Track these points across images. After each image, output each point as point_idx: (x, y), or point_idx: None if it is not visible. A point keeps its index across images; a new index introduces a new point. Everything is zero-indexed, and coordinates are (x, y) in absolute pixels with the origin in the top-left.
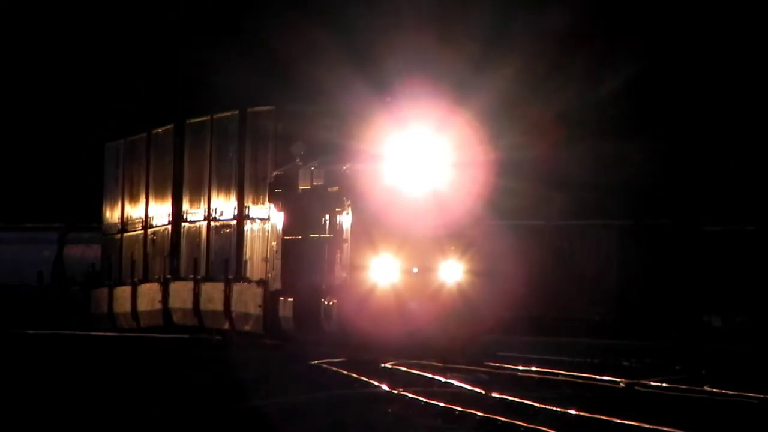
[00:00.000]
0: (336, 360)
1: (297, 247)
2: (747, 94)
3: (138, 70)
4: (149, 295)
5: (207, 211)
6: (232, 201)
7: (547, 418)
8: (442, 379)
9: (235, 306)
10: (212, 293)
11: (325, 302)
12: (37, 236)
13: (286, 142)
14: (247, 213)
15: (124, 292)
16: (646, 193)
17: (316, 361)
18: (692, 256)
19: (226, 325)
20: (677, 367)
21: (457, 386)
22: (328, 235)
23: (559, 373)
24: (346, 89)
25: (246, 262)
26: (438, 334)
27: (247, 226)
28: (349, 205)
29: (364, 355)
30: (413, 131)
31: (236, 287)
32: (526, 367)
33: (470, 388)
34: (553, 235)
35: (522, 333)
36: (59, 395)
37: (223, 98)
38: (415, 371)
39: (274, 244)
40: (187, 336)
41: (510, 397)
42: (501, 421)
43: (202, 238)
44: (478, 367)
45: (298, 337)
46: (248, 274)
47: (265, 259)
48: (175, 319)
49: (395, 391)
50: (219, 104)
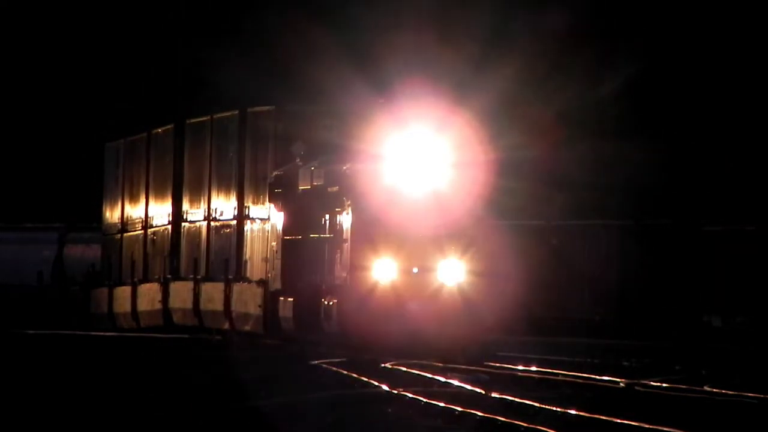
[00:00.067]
0: (336, 360)
1: (297, 247)
2: (747, 94)
3: (138, 70)
4: (149, 295)
5: (207, 211)
6: (232, 201)
7: (547, 418)
8: (442, 379)
9: (235, 306)
10: (212, 293)
11: (325, 302)
12: (37, 236)
13: (286, 142)
14: (247, 213)
15: (124, 292)
16: (646, 193)
17: (316, 361)
18: (692, 256)
19: (226, 325)
20: (677, 367)
21: (457, 386)
22: (328, 235)
23: (559, 373)
24: (346, 89)
25: (246, 262)
26: (438, 335)
27: (247, 226)
28: (349, 205)
29: (364, 355)
30: (413, 131)
31: (236, 287)
32: (526, 367)
33: (470, 388)
34: (553, 235)
35: (522, 333)
36: (59, 395)
37: (223, 98)
38: (415, 371)
39: (274, 244)
40: (187, 336)
41: (510, 397)
42: (501, 421)
43: (202, 238)
44: (478, 367)
45: (298, 337)
46: (248, 274)
47: (265, 259)
48: (175, 319)
49: (395, 391)
50: (219, 104)
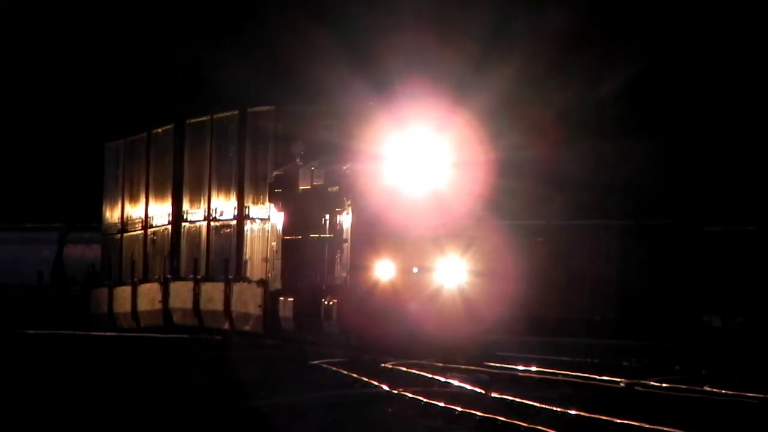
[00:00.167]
0: (336, 360)
1: (297, 247)
2: (747, 94)
3: (138, 70)
4: (149, 295)
5: (207, 211)
6: (232, 201)
7: (547, 418)
8: (442, 379)
9: (235, 306)
10: (212, 293)
11: (325, 302)
12: (37, 236)
13: (286, 142)
14: (247, 213)
15: (124, 292)
16: (646, 193)
17: (316, 361)
18: (692, 256)
19: (226, 325)
20: (677, 367)
21: (457, 386)
22: (328, 235)
23: (559, 373)
24: (346, 89)
25: (246, 262)
26: (438, 335)
27: (247, 226)
28: (349, 205)
29: (364, 355)
30: (413, 131)
31: (236, 287)
32: (526, 367)
33: (470, 388)
34: (553, 235)
35: (522, 333)
36: (59, 395)
37: (223, 98)
38: (415, 371)
39: (274, 244)
40: (187, 336)
41: (510, 397)
42: (501, 421)
43: (202, 238)
44: (478, 367)
45: (298, 337)
46: (248, 274)
47: (265, 259)
48: (175, 319)
49: (395, 391)
50: (219, 104)
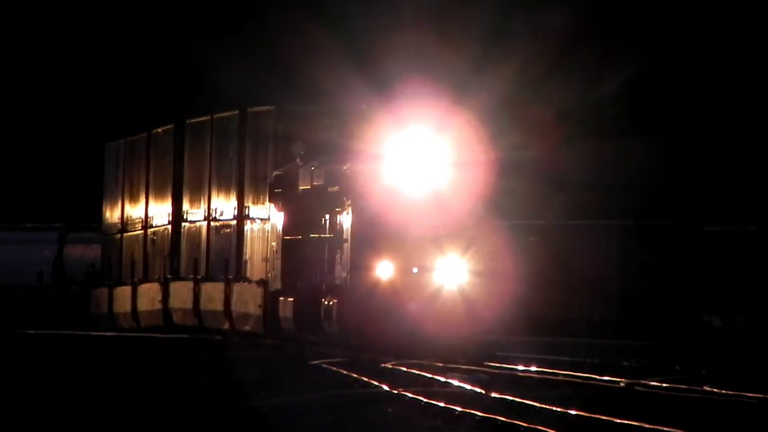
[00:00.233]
0: (336, 360)
1: (297, 247)
2: (747, 94)
3: (138, 70)
4: (149, 295)
5: (207, 211)
6: (232, 201)
7: (547, 418)
8: (442, 379)
9: (235, 306)
10: (212, 293)
11: (326, 302)
12: (37, 236)
13: (286, 142)
14: (247, 213)
15: (124, 292)
16: (646, 193)
17: (316, 361)
18: (692, 256)
19: (226, 325)
20: (677, 367)
21: (457, 386)
22: (328, 235)
23: (559, 373)
24: (346, 89)
25: (246, 262)
26: (438, 335)
27: (247, 226)
28: (349, 205)
29: (364, 355)
30: (413, 131)
31: (236, 287)
32: (526, 367)
33: (470, 388)
34: (553, 235)
35: (522, 333)
36: (59, 395)
37: (223, 98)
38: (415, 371)
39: (274, 244)
40: (187, 336)
41: (510, 397)
42: (501, 421)
43: (202, 238)
44: (478, 367)
45: (298, 337)
46: (248, 274)
47: (265, 259)
48: (175, 319)
49: (395, 391)
50: (219, 104)
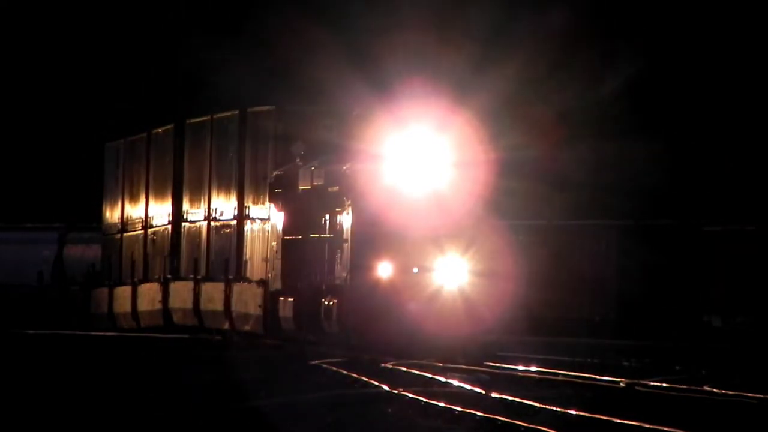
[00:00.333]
0: (336, 360)
1: (297, 247)
2: (747, 94)
3: (138, 70)
4: (149, 295)
5: (207, 211)
6: (232, 201)
7: (547, 418)
8: (442, 379)
9: (235, 306)
10: (212, 293)
11: (326, 302)
12: (37, 236)
13: (286, 142)
14: (247, 213)
15: (124, 292)
16: (646, 193)
17: (316, 361)
18: (692, 256)
19: (226, 325)
20: (677, 367)
21: (457, 386)
22: (329, 235)
23: (559, 373)
24: (346, 89)
25: (246, 262)
26: (438, 335)
27: (247, 226)
28: (350, 205)
29: (364, 355)
30: (413, 131)
31: (236, 287)
32: (526, 367)
33: (470, 388)
34: (553, 235)
35: (522, 333)
36: (59, 395)
37: (223, 98)
38: (415, 371)
39: (274, 244)
40: (187, 336)
41: (510, 397)
42: (501, 421)
43: (202, 238)
44: (478, 367)
45: (298, 337)
46: (248, 274)
47: (266, 259)
48: (175, 319)
49: (395, 391)
50: (219, 104)
